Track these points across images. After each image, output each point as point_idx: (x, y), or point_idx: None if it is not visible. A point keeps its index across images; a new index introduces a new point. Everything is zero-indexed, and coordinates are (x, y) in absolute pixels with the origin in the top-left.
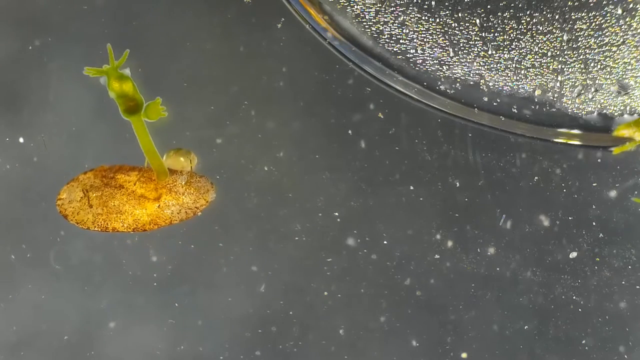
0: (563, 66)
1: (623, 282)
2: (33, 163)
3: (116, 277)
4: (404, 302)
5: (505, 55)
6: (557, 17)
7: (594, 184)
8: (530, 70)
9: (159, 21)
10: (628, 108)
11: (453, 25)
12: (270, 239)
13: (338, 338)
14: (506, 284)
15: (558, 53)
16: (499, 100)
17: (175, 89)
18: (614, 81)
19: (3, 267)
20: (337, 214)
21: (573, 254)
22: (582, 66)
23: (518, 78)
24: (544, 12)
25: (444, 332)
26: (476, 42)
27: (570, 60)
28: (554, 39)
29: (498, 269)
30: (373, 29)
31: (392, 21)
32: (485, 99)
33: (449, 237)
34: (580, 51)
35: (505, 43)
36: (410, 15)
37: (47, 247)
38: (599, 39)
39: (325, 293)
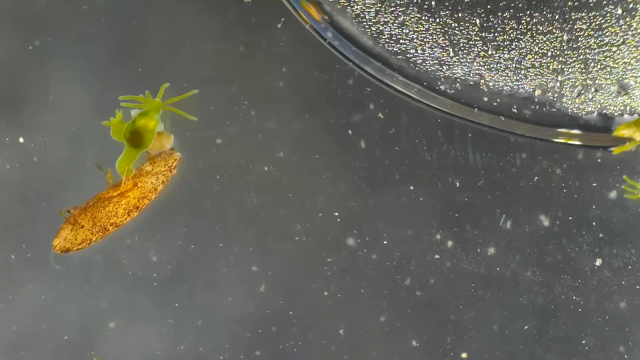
0: (563, 66)
1: (623, 282)
2: (33, 163)
3: (116, 277)
4: (404, 302)
5: (505, 55)
6: (557, 17)
7: (594, 184)
8: (530, 70)
9: (159, 21)
10: (628, 108)
11: (453, 25)
12: (270, 239)
13: (338, 338)
14: (506, 284)
15: (558, 53)
16: (499, 100)
17: (175, 89)
18: (614, 81)
19: (3, 267)
20: (337, 214)
21: (598, 261)
22: (582, 66)
23: (518, 78)
24: (544, 12)
25: (444, 332)
26: (476, 42)
27: (570, 60)
28: (554, 39)
29: (498, 269)
30: (373, 29)
31: (392, 21)
32: (485, 99)
33: (449, 237)
34: (580, 51)
35: (505, 43)
36: (410, 15)
37: (47, 247)
38: (599, 39)
39: (325, 293)
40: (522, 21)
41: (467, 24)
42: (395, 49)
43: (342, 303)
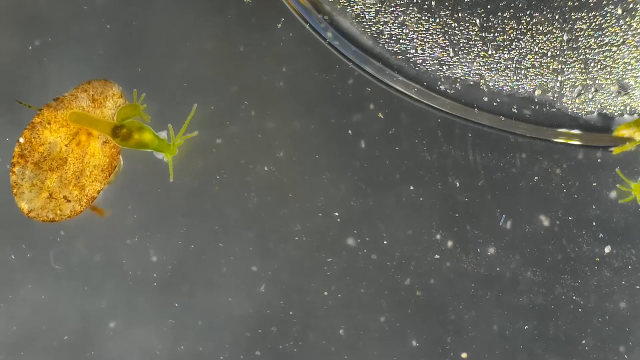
0: (563, 66)
1: (623, 282)
2: None
3: (116, 277)
4: (404, 302)
5: (505, 55)
6: (557, 17)
7: (594, 184)
8: (530, 70)
9: (159, 21)
10: (628, 108)
11: (453, 25)
12: (270, 239)
13: (338, 338)
14: (506, 284)
15: (558, 53)
16: (499, 100)
17: (175, 89)
18: (614, 81)
19: (3, 267)
20: (337, 214)
21: (607, 248)
22: (582, 66)
23: (518, 78)
24: (544, 12)
25: (444, 332)
26: (476, 42)
27: (570, 60)
28: (554, 39)
29: (498, 269)
30: (373, 29)
31: (392, 21)
32: (485, 99)
33: (449, 237)
34: (580, 51)
35: (505, 43)
36: (410, 15)
37: (47, 247)
38: (599, 39)
39: (325, 293)
40: (522, 21)
41: (467, 24)
42: (395, 49)
43: (342, 303)
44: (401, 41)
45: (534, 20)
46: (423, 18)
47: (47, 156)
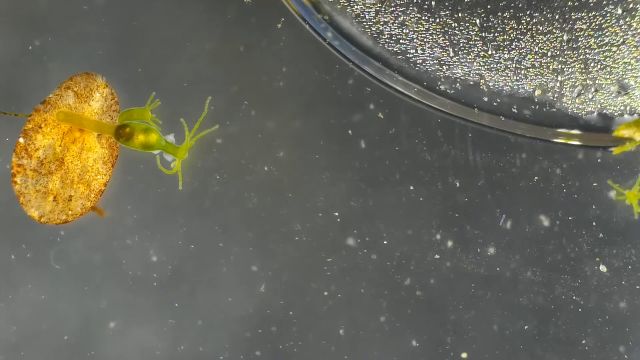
0: (563, 66)
1: (623, 282)
2: None
3: (116, 277)
4: (404, 302)
5: (505, 55)
6: (557, 17)
7: (594, 184)
8: (530, 70)
9: (159, 21)
10: (628, 108)
11: (453, 25)
12: (270, 239)
13: (338, 338)
14: (506, 284)
15: (558, 53)
16: (499, 100)
17: (175, 89)
18: (614, 81)
19: (3, 267)
20: (337, 214)
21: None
22: (582, 66)
23: (518, 78)
24: (544, 12)
25: (444, 332)
26: (476, 42)
27: (570, 60)
28: (554, 39)
29: (498, 269)
30: (373, 29)
31: (392, 21)
32: (485, 99)
33: (449, 237)
34: (580, 51)
35: (505, 43)
36: (410, 15)
37: (47, 247)
38: (599, 39)
39: (325, 293)
40: (522, 21)
41: (467, 24)
42: (395, 49)
43: (342, 303)
44: (401, 41)
45: (534, 20)
46: (423, 18)
47: (44, 160)
